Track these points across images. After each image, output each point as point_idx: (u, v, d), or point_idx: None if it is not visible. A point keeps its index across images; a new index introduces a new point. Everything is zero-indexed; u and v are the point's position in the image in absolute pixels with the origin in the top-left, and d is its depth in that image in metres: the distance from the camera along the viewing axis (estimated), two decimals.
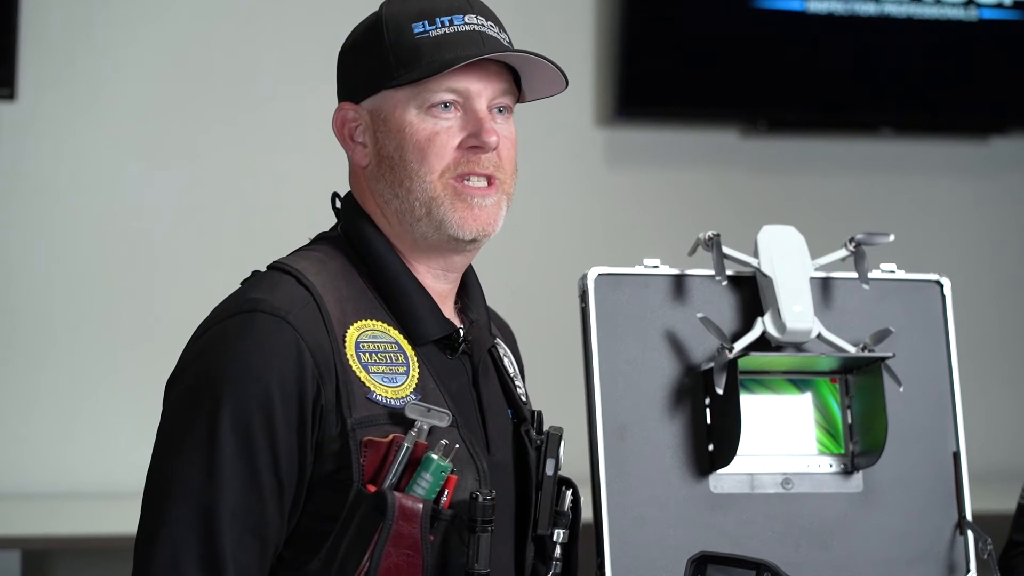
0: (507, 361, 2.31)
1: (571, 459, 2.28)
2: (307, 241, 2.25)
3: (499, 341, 2.32)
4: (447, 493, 2.05)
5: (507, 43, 2.18)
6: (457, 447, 2.07)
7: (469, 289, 2.28)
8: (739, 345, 2.30)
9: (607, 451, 2.27)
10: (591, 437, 2.28)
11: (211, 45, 4.63)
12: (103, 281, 4.55)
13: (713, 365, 2.29)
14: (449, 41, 2.13)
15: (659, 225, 4.92)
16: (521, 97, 2.22)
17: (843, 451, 2.36)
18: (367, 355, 2.09)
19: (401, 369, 2.11)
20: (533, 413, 2.29)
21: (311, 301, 2.08)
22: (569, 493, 2.24)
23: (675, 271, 2.36)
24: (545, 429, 2.25)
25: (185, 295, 4.54)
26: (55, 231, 4.54)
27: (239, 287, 2.15)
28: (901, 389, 2.34)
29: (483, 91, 2.15)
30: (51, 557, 4.43)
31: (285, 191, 4.64)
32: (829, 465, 2.36)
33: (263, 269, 2.17)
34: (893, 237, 2.44)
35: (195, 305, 2.26)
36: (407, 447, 2.04)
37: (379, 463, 2.04)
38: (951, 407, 2.41)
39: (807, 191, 5.12)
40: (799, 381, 2.37)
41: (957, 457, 2.39)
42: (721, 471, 2.30)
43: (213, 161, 4.64)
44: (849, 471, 2.36)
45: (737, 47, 5.01)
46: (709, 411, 2.31)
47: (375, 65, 2.16)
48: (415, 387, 2.11)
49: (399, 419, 2.07)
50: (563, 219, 4.90)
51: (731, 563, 2.04)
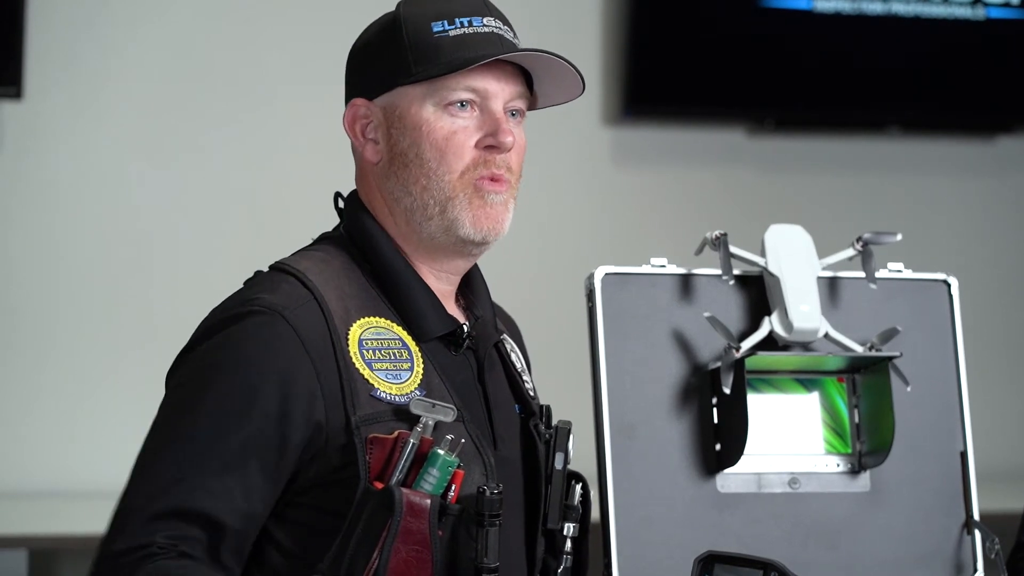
0: (514, 356, 2.31)
1: (578, 458, 2.28)
2: (310, 241, 2.25)
3: (505, 336, 2.32)
4: (454, 488, 2.05)
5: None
6: (463, 442, 2.07)
7: (474, 285, 2.28)
8: (746, 344, 2.30)
9: (614, 450, 2.27)
10: (598, 436, 2.28)
11: (215, 45, 4.63)
12: (105, 280, 4.55)
13: (720, 364, 2.29)
14: (469, 40, 2.14)
15: (666, 224, 4.92)
16: (533, 103, 2.22)
17: (850, 451, 2.36)
18: (370, 352, 2.09)
19: (405, 365, 2.11)
20: (542, 407, 2.28)
21: (312, 300, 2.08)
22: (579, 487, 2.24)
23: (682, 270, 2.36)
24: (554, 423, 2.25)
25: (187, 295, 4.54)
26: (59, 230, 4.54)
27: (241, 287, 2.15)
28: (908, 389, 2.34)
29: (500, 92, 2.15)
30: (57, 556, 4.44)
31: (288, 191, 4.64)
32: (836, 465, 2.36)
33: (265, 269, 2.18)
34: (900, 236, 2.44)
35: (197, 305, 2.26)
36: (413, 443, 2.04)
37: (385, 460, 2.04)
38: (958, 407, 2.41)
39: (814, 190, 5.11)
40: (806, 380, 2.37)
41: (964, 457, 2.39)
42: (728, 470, 2.30)
43: (217, 161, 4.64)
44: (856, 471, 2.36)
45: (744, 46, 5.01)
46: (716, 410, 2.31)
47: (392, 62, 2.16)
48: (420, 383, 2.11)
49: (404, 415, 2.07)
50: (570, 218, 4.90)
51: (738, 563, 2.04)
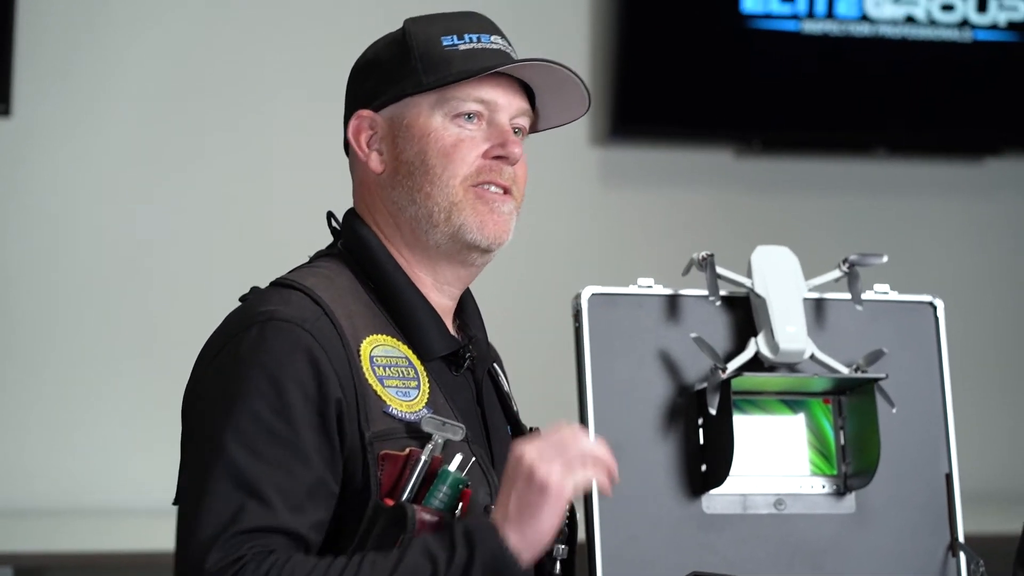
0: (501, 378, 2.31)
1: None
2: (306, 259, 2.25)
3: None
4: (461, 506, 2.05)
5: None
6: (473, 460, 2.08)
7: (466, 307, 2.29)
8: (732, 365, 2.30)
9: None
10: None
11: (207, 59, 4.63)
12: (100, 294, 4.55)
13: (706, 385, 2.29)
14: (479, 54, 2.16)
15: (653, 245, 4.93)
16: (534, 124, 2.24)
17: (836, 472, 2.36)
18: (381, 369, 2.09)
19: (413, 384, 2.12)
20: (530, 430, 2.29)
21: (323, 315, 2.08)
22: (567, 510, 2.24)
23: (669, 291, 2.36)
24: None
25: (182, 308, 4.54)
26: (51, 244, 4.54)
27: (240, 304, 2.14)
28: (894, 410, 2.34)
29: (508, 106, 2.18)
30: (44, 574, 4.42)
31: (282, 205, 4.65)
32: (822, 486, 2.36)
33: (259, 284, 2.17)
34: (887, 258, 2.44)
35: (192, 318, 2.26)
36: (425, 460, 2.04)
37: (396, 477, 2.04)
38: (944, 428, 2.41)
39: (801, 211, 5.12)
40: (792, 402, 2.37)
41: (950, 478, 2.39)
42: (714, 491, 2.30)
43: (209, 175, 4.64)
44: (842, 492, 2.36)
45: (732, 67, 5.02)
46: (702, 431, 2.31)
47: (400, 73, 2.17)
48: (427, 402, 2.11)
49: (415, 433, 2.07)
50: (558, 238, 4.90)
51: None
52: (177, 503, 2.10)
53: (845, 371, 2.35)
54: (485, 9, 2.27)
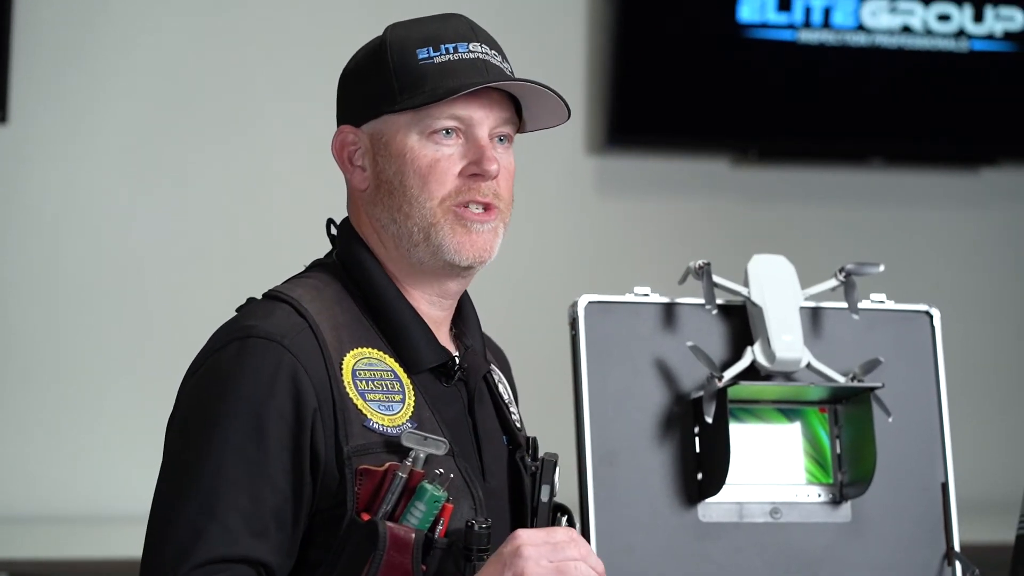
0: (501, 387, 2.30)
1: (560, 486, 2.28)
2: (302, 268, 2.25)
3: (494, 367, 2.32)
4: (443, 522, 2.05)
5: (510, 72, 2.19)
6: (452, 476, 2.07)
7: (464, 315, 2.28)
8: (729, 374, 2.30)
9: (596, 478, 2.26)
10: (580, 464, 2.27)
11: (202, 68, 4.63)
12: (97, 302, 4.55)
13: (703, 394, 2.29)
14: (453, 68, 2.13)
15: (649, 253, 4.93)
16: (521, 127, 2.22)
17: (832, 481, 2.36)
18: (363, 383, 2.09)
19: (397, 397, 2.11)
20: (528, 439, 2.28)
21: (306, 328, 2.08)
22: (564, 520, 2.23)
23: (665, 299, 2.36)
24: (540, 455, 2.25)
25: (180, 316, 4.54)
26: (48, 251, 4.54)
27: (234, 315, 2.14)
28: (890, 419, 2.34)
29: (485, 119, 2.15)
30: None
31: (277, 214, 4.65)
32: (818, 495, 2.36)
33: (255, 293, 2.17)
34: (883, 267, 2.44)
35: (186, 328, 2.26)
36: (401, 476, 2.03)
37: (374, 491, 2.04)
38: (940, 437, 2.41)
39: (797, 220, 5.12)
40: (788, 410, 2.37)
41: (946, 487, 2.39)
42: (710, 500, 2.30)
43: (205, 184, 4.64)
44: (837, 501, 2.36)
45: (728, 76, 5.02)
46: (698, 440, 2.31)
47: (377, 89, 2.16)
48: (411, 415, 2.10)
49: (395, 447, 2.06)
50: (554, 247, 4.91)
51: None
52: None
53: (841, 380, 2.35)
54: (481, 17, 2.26)
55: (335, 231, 2.25)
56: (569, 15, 4.94)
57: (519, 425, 2.30)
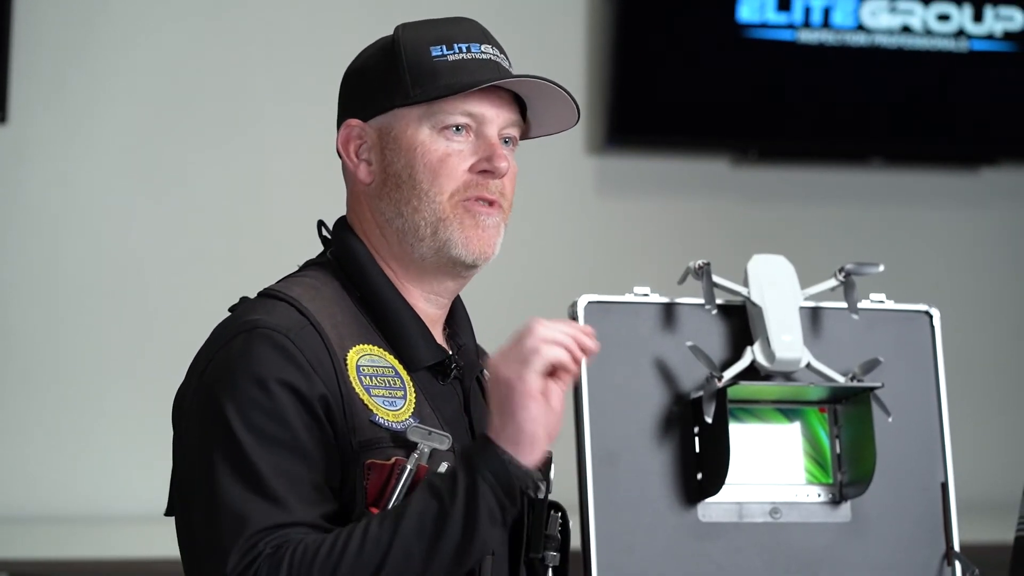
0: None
1: (559, 487, 2.27)
2: (296, 268, 2.25)
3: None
4: None
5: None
6: None
7: (456, 315, 2.28)
8: (728, 374, 2.30)
9: (595, 479, 2.26)
10: (579, 465, 2.27)
11: (202, 69, 4.64)
12: (97, 302, 4.55)
13: (702, 394, 2.28)
14: (467, 66, 2.15)
15: (649, 253, 4.93)
16: (525, 132, 2.23)
17: (831, 481, 2.36)
18: (368, 378, 2.09)
19: (399, 393, 2.12)
20: None
21: (308, 325, 2.08)
22: (558, 516, 2.23)
23: (665, 299, 2.36)
24: None
25: (179, 316, 4.55)
26: (48, 251, 4.54)
27: (228, 315, 2.14)
28: (890, 419, 2.34)
29: (496, 118, 2.16)
30: None
31: (277, 214, 4.65)
32: (817, 495, 2.36)
33: (250, 294, 2.17)
34: (883, 267, 2.44)
35: (186, 328, 2.26)
36: (410, 470, 2.04)
37: (382, 486, 2.04)
38: (939, 437, 2.41)
39: (797, 221, 5.13)
40: (788, 410, 2.37)
41: (945, 487, 2.39)
42: (709, 500, 2.30)
43: (205, 184, 4.64)
44: (837, 501, 2.35)
45: (728, 77, 5.03)
46: (698, 440, 2.31)
47: (389, 83, 2.16)
48: (413, 411, 2.11)
49: (401, 442, 2.07)
50: (554, 247, 4.91)
51: None
52: (170, 514, 2.11)
53: (841, 380, 2.35)
54: (481, 17, 2.26)
55: (326, 232, 2.25)
56: (569, 15, 4.94)
57: None
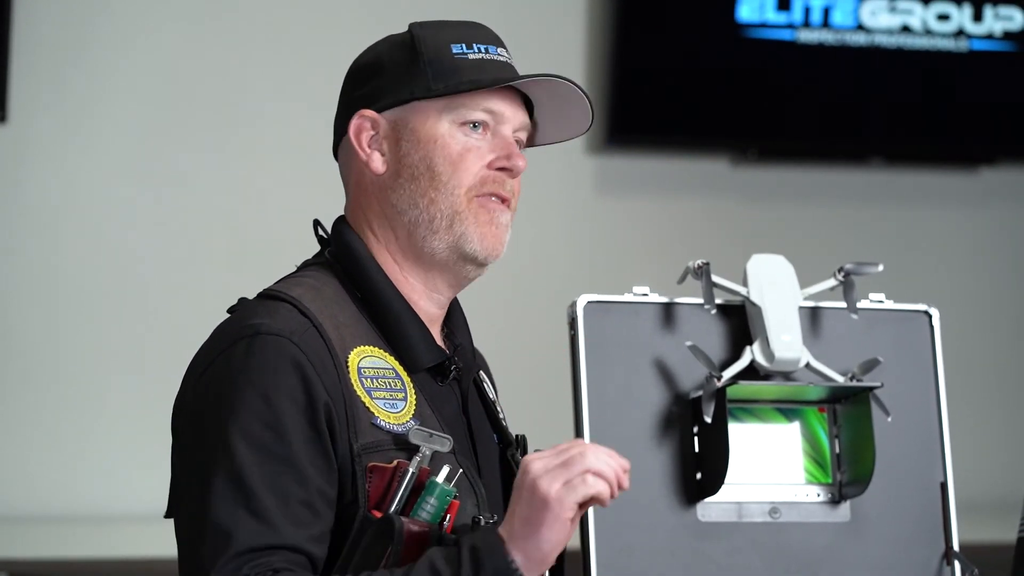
0: (486, 386, 2.32)
1: None
2: (294, 268, 2.25)
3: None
4: (449, 518, 2.05)
5: None
6: (460, 472, 2.08)
7: (453, 315, 2.29)
8: (728, 374, 2.30)
9: None
10: None
11: (202, 69, 4.64)
12: (96, 302, 4.55)
13: (702, 393, 2.28)
14: (488, 65, 2.18)
15: (649, 253, 4.93)
16: (530, 137, 2.25)
17: (831, 480, 2.36)
18: (369, 380, 2.10)
19: (400, 395, 2.12)
20: (517, 437, 2.29)
21: (311, 327, 2.08)
22: None
23: (664, 299, 2.36)
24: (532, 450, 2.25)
25: (179, 316, 4.55)
26: (48, 251, 4.54)
27: (228, 316, 2.14)
28: (889, 419, 2.34)
29: (512, 119, 2.19)
30: None
31: (276, 214, 4.65)
32: (816, 494, 2.36)
33: (250, 294, 2.17)
34: (882, 267, 2.44)
35: (186, 328, 2.26)
36: (412, 472, 2.04)
37: (384, 489, 2.04)
38: (939, 437, 2.41)
39: (797, 220, 5.13)
40: (787, 410, 2.37)
41: (945, 487, 2.39)
42: (709, 500, 2.30)
43: (204, 184, 4.64)
44: (836, 501, 2.36)
45: (728, 76, 5.03)
46: (697, 439, 2.31)
47: (407, 77, 2.17)
48: (414, 413, 2.11)
49: (403, 445, 2.07)
50: (553, 246, 4.91)
51: None
52: (170, 516, 2.11)
53: (840, 380, 2.35)
54: (482, 17, 2.28)
55: (323, 232, 2.25)
56: (569, 15, 4.95)
57: (505, 423, 2.31)
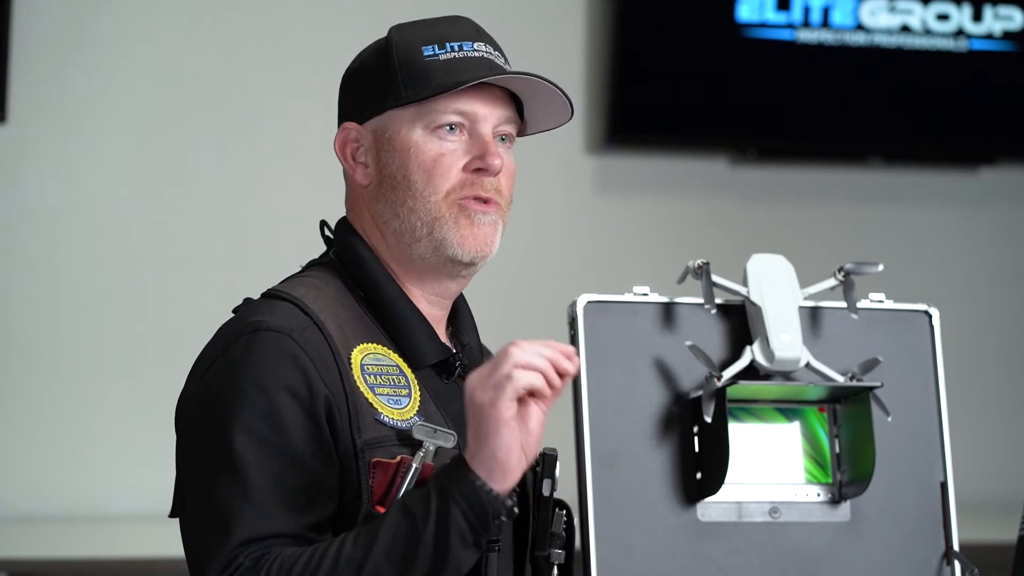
0: None
1: (560, 486, 2.28)
2: (298, 268, 2.26)
3: None
4: None
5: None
6: None
7: (460, 314, 2.29)
8: (728, 373, 2.30)
9: (595, 479, 2.26)
10: (579, 465, 2.27)
11: (201, 69, 4.64)
12: (97, 303, 4.55)
13: (702, 393, 2.28)
14: (459, 65, 2.15)
15: (648, 253, 4.93)
16: (522, 129, 2.23)
17: (831, 480, 2.36)
18: (372, 377, 2.10)
19: (404, 391, 2.12)
20: None
21: (312, 325, 2.09)
22: (563, 514, 2.24)
23: (664, 299, 2.36)
24: (540, 451, 2.25)
25: (180, 316, 4.54)
26: (46, 253, 4.54)
27: (232, 315, 2.15)
28: (889, 419, 2.34)
29: (489, 116, 2.17)
30: None
31: (276, 214, 4.65)
32: (817, 494, 2.36)
33: (256, 293, 2.18)
34: (882, 267, 2.44)
35: (186, 328, 2.27)
36: (416, 468, 2.05)
37: (387, 484, 2.05)
38: (939, 437, 2.41)
39: (797, 220, 5.13)
40: (787, 410, 2.37)
41: (945, 487, 2.39)
42: (709, 499, 2.30)
43: (203, 184, 4.64)
44: (836, 500, 2.36)
45: (727, 76, 5.03)
46: (697, 439, 2.31)
47: (383, 85, 2.17)
48: (418, 409, 2.12)
49: (406, 440, 2.08)
50: (553, 246, 4.91)
51: None
52: (174, 516, 2.11)
53: (840, 380, 2.35)
54: (480, 17, 2.26)
55: (329, 233, 2.26)
56: (569, 15, 4.95)
57: None
